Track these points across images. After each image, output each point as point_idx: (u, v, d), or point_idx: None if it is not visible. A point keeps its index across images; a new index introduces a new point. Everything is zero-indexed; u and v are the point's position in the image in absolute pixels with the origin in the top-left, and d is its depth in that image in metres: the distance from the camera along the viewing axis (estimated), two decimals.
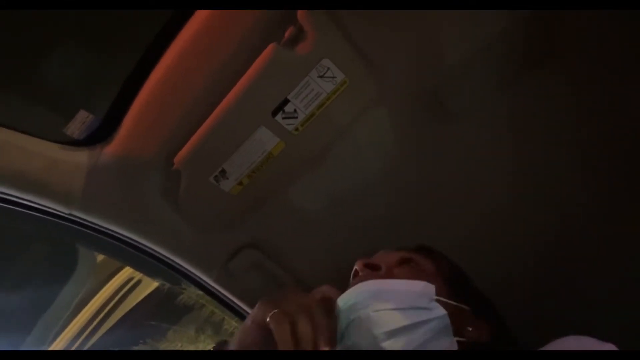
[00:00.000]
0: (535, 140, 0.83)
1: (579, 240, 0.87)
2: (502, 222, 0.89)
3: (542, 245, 0.89)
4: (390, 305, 0.57)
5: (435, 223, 0.91)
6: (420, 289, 0.60)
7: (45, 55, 0.74)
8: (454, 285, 0.67)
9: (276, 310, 0.52)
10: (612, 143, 0.80)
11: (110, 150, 0.78)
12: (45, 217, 0.76)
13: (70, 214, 0.77)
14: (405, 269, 0.69)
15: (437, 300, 0.60)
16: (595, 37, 0.73)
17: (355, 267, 0.69)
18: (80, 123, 0.76)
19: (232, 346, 0.58)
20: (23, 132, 0.72)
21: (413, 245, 0.77)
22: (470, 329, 0.62)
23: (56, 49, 0.75)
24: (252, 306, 0.96)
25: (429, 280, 0.63)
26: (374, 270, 0.67)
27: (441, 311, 0.58)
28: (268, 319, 0.52)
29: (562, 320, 0.80)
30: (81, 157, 0.77)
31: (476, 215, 0.89)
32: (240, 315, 1.01)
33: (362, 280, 0.63)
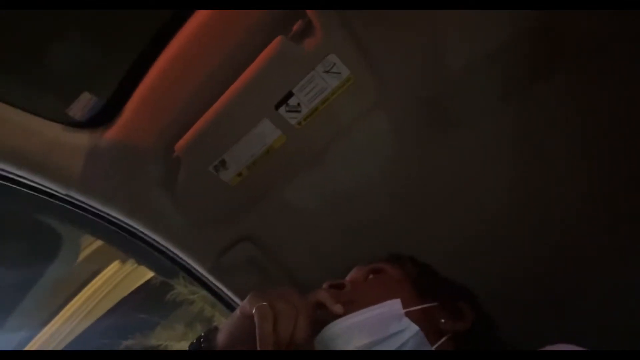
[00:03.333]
0: (537, 150, 0.84)
1: (577, 248, 0.88)
2: (499, 229, 0.89)
3: (540, 252, 0.89)
4: (365, 340, 0.59)
5: (430, 227, 0.91)
6: (388, 310, 0.61)
7: (53, 37, 0.74)
8: (421, 284, 0.70)
9: (263, 303, 0.53)
10: (615, 154, 0.81)
11: (111, 134, 0.77)
12: (41, 196, 0.76)
13: (67, 195, 0.77)
14: (373, 280, 0.72)
15: (407, 313, 0.61)
16: (600, 48, 0.73)
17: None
18: (83, 105, 0.76)
19: (221, 334, 0.58)
20: (25, 110, 0.72)
21: (386, 254, 0.79)
22: (443, 320, 0.64)
23: (64, 31, 0.75)
24: (244, 299, 0.96)
25: (396, 286, 0.68)
26: (339, 289, 0.68)
27: (414, 328, 0.60)
28: (253, 311, 0.53)
29: (558, 325, 0.80)
30: (82, 139, 0.77)
31: (473, 221, 0.89)
32: (232, 309, 1.00)
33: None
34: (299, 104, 0.74)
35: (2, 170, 0.70)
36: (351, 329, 0.59)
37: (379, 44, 0.72)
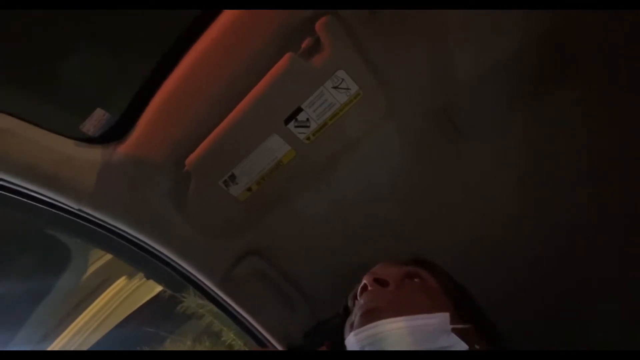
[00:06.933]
0: (544, 159, 0.83)
1: (583, 252, 0.87)
2: (506, 239, 0.88)
3: (547, 258, 0.89)
4: (413, 348, 0.57)
5: (440, 237, 0.91)
6: (439, 322, 0.60)
7: (66, 53, 0.76)
8: (458, 301, 0.66)
9: None
10: (623, 162, 0.80)
11: (123, 149, 0.79)
12: (53, 211, 0.77)
13: (79, 210, 0.78)
14: (413, 286, 0.68)
15: (453, 330, 0.59)
16: (609, 58, 0.73)
17: (364, 281, 0.68)
18: (96, 121, 0.77)
19: None
20: (39, 126, 0.73)
21: (408, 256, 0.75)
22: (478, 347, 0.61)
23: (77, 47, 0.76)
24: (252, 314, 0.96)
25: (437, 297, 0.64)
26: (382, 287, 0.66)
27: (462, 346, 0.58)
28: None
29: (564, 330, 0.79)
30: (94, 154, 0.78)
31: (481, 231, 0.89)
32: (240, 323, 1.00)
33: (371, 299, 0.63)
34: (307, 119, 0.74)
35: (16, 184, 0.72)
36: (400, 334, 0.58)
37: (387, 58, 0.73)
